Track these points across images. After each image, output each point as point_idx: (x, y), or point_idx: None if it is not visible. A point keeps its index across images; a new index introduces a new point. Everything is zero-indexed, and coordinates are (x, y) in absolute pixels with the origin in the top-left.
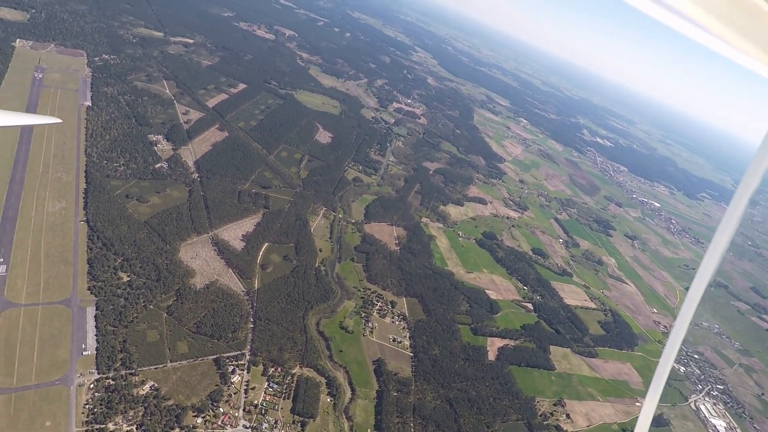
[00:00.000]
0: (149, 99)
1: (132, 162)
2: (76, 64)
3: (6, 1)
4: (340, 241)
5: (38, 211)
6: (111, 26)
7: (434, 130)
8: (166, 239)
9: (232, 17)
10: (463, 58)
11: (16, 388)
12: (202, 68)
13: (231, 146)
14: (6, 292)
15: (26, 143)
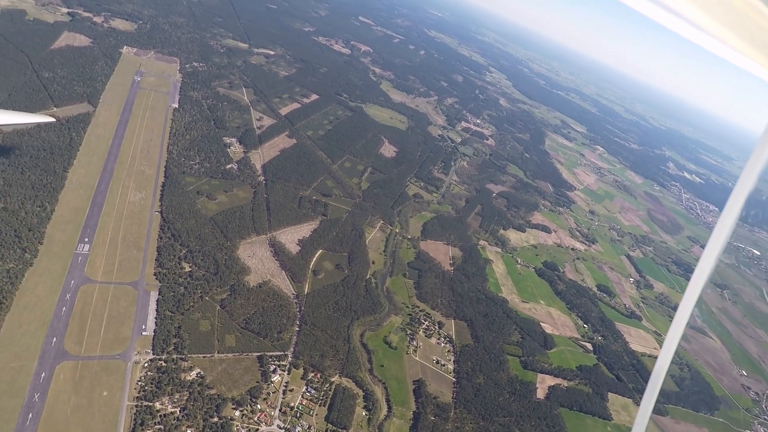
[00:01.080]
0: (228, 104)
1: (206, 161)
2: (169, 70)
3: (120, 14)
4: (394, 256)
5: (122, 200)
6: (203, 37)
7: (501, 152)
8: (228, 236)
9: (312, 32)
10: (540, 80)
11: (83, 357)
12: (279, 78)
13: (297, 153)
14: (86, 268)
15: (120, 137)
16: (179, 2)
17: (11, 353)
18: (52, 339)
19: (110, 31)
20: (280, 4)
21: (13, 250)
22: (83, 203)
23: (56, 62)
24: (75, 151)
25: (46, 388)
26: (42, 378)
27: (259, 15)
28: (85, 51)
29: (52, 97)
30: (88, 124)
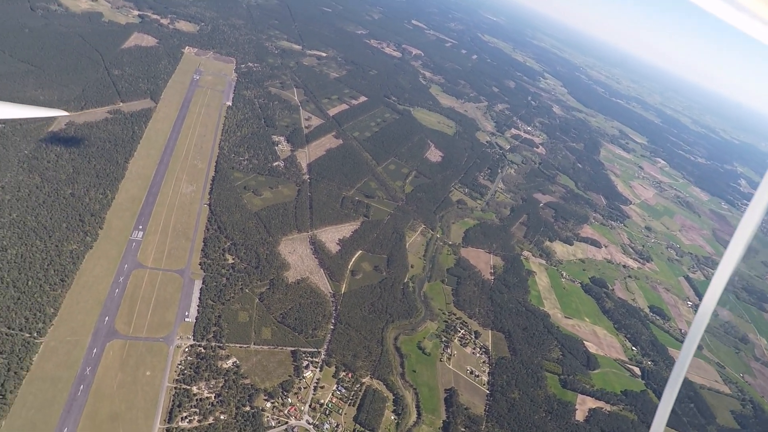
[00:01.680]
0: (279, 103)
1: (255, 158)
2: (226, 69)
3: (185, 16)
4: (434, 261)
5: (174, 191)
6: (259, 39)
7: (552, 161)
8: (271, 231)
9: (364, 34)
10: (598, 88)
11: (131, 337)
12: (329, 79)
13: (343, 154)
14: (139, 254)
15: (177, 132)
16: (239, 5)
17: (69, 328)
18: (105, 318)
19: (175, 32)
20: (334, 7)
21: (76, 233)
22: (140, 193)
23: (125, 61)
24: (136, 143)
25: (96, 363)
26: (94, 353)
27: (313, 18)
28: (151, 50)
29: (119, 93)
30: (149, 119)
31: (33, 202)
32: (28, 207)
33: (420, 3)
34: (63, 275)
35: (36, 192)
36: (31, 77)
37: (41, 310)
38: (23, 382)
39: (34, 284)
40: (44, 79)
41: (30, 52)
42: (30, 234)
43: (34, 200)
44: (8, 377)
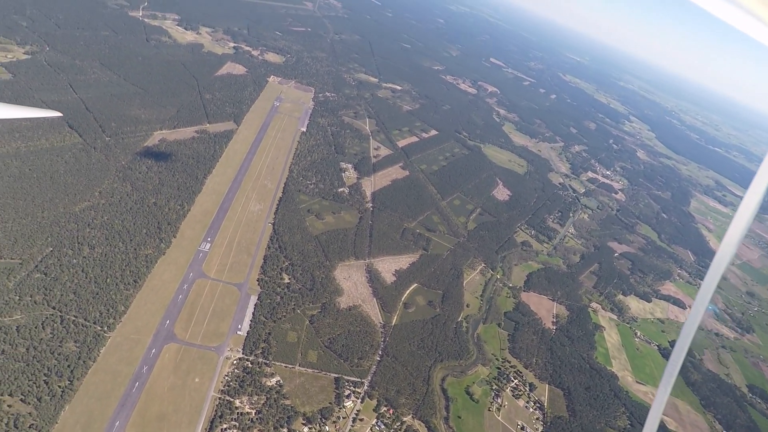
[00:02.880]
0: (351, 132)
1: (321, 183)
2: (304, 98)
3: (273, 48)
4: (491, 302)
5: (243, 208)
6: (339, 71)
7: (632, 208)
8: (328, 256)
9: (440, 70)
10: (692, 134)
11: (186, 342)
12: (402, 112)
13: (408, 185)
14: (204, 265)
15: (252, 154)
16: (323, 40)
17: (134, 326)
18: (166, 321)
19: (263, 63)
20: (414, 44)
21: (153, 239)
22: (213, 207)
23: (216, 86)
24: (215, 161)
25: (153, 363)
26: (152, 353)
27: (392, 53)
28: (240, 78)
29: (207, 115)
30: (229, 140)
31: (122, 207)
32: (117, 212)
33: (500, 42)
34: (136, 277)
35: (126, 199)
36: (137, 98)
37: (114, 306)
38: (89, 371)
39: (111, 282)
40: (147, 100)
41: (139, 77)
42: (115, 236)
43: (123, 206)
44: (77, 365)
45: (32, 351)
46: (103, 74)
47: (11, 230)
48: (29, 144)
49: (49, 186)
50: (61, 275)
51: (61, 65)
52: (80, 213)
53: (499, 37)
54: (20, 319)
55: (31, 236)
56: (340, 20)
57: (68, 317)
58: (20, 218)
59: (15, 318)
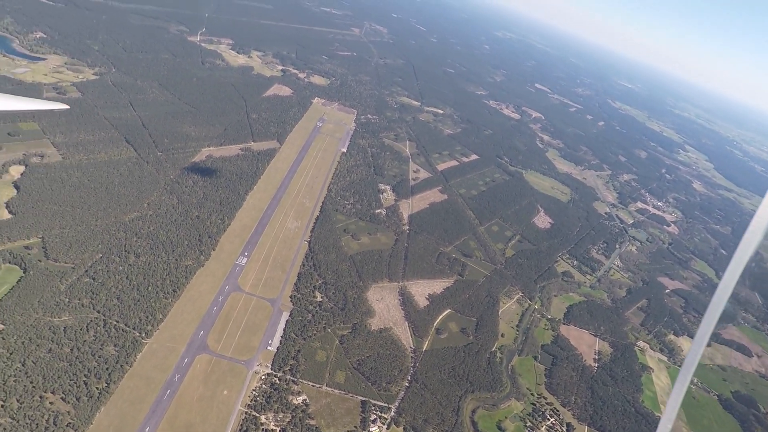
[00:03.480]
0: (390, 154)
1: (359, 203)
2: (346, 119)
3: (319, 71)
4: (528, 334)
5: (281, 225)
6: (382, 94)
7: (686, 243)
8: (362, 276)
9: (484, 95)
10: (757, 166)
11: (218, 354)
12: (443, 135)
13: (446, 209)
14: (240, 278)
15: (293, 172)
16: (368, 64)
17: (170, 334)
18: (200, 332)
19: (308, 85)
20: (458, 68)
21: (194, 250)
22: (252, 222)
23: (263, 107)
24: (257, 178)
25: (185, 372)
26: (185, 363)
27: (435, 77)
28: (286, 99)
29: (252, 134)
30: (272, 158)
31: (167, 219)
32: (163, 223)
33: (546, 68)
34: (176, 286)
35: (171, 211)
36: (189, 116)
37: (153, 314)
38: (125, 375)
39: (152, 290)
40: (198, 119)
41: (193, 97)
42: (159, 246)
43: (168, 218)
44: (115, 368)
45: (75, 352)
46: (160, 94)
47: (67, 236)
48: (90, 156)
49: (104, 196)
50: (107, 281)
51: (124, 85)
52: (129, 222)
53: (545, 62)
54: (68, 320)
55: (84, 242)
56: (385, 45)
57: (110, 321)
58: (76, 225)
59: (63, 319)
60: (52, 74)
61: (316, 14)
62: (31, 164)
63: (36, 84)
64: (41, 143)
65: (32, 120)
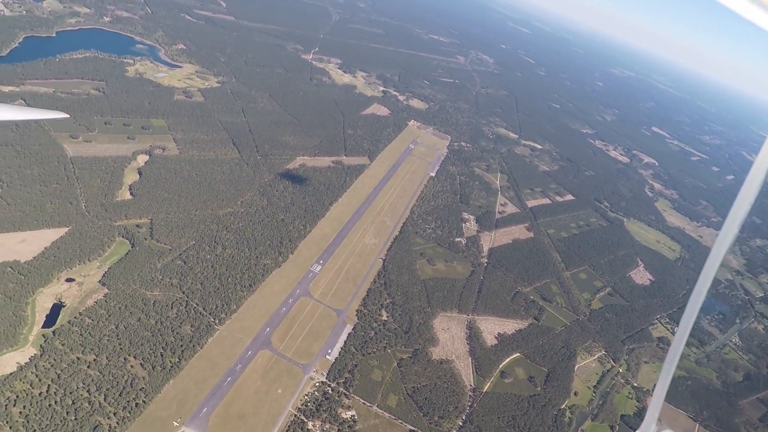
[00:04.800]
0: (479, 184)
1: (439, 229)
2: (439, 145)
3: (419, 96)
4: (606, 398)
5: (358, 240)
6: (479, 123)
7: None
8: (431, 302)
9: (589, 134)
10: None
11: (279, 353)
12: (537, 171)
13: (530, 247)
14: (311, 285)
15: (378, 190)
16: (469, 92)
17: (239, 326)
18: (267, 328)
19: (406, 107)
20: (564, 104)
21: (274, 251)
22: (331, 233)
23: (359, 124)
24: (343, 191)
25: (246, 364)
26: (248, 355)
27: (538, 111)
28: (382, 119)
29: (345, 148)
30: (360, 174)
31: (255, 218)
32: (250, 221)
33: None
34: (252, 282)
35: (260, 211)
36: (290, 126)
37: (228, 303)
38: (195, 355)
39: (231, 281)
40: (298, 129)
41: (297, 109)
42: (244, 242)
43: (257, 217)
44: (188, 347)
45: (159, 325)
46: (269, 104)
47: (170, 221)
48: (201, 153)
49: (206, 190)
50: (195, 266)
51: (240, 94)
52: (223, 216)
53: (667, 104)
54: (158, 295)
55: (183, 228)
56: (489, 75)
57: (192, 303)
58: (179, 212)
59: (154, 293)
60: (185, 80)
61: (424, 41)
62: (154, 155)
63: (170, 87)
64: (165, 138)
65: (162, 117)
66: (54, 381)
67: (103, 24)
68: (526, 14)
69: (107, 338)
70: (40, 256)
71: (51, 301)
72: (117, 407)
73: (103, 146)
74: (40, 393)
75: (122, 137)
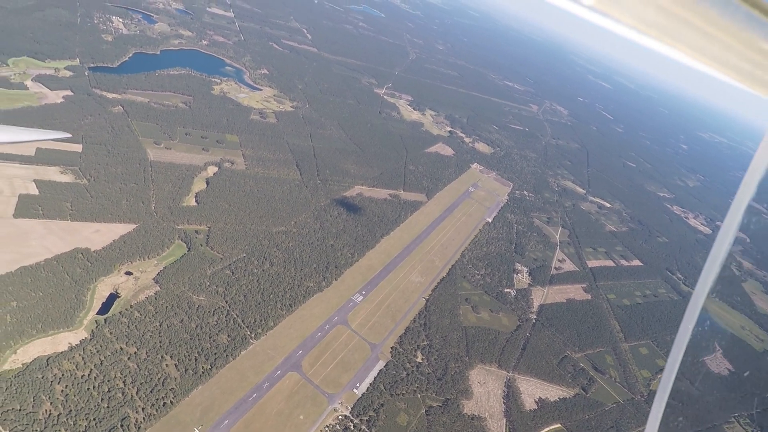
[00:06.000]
0: (537, 236)
1: (488, 276)
2: (500, 191)
3: (486, 140)
4: None
5: (404, 276)
6: (545, 173)
7: None
8: (470, 352)
9: (667, 198)
10: None
11: (307, 378)
12: (603, 231)
13: (586, 310)
14: (350, 314)
15: (431, 229)
16: (538, 141)
17: (273, 344)
18: (299, 351)
19: (471, 150)
20: (640, 164)
21: (318, 275)
22: (378, 265)
23: (421, 161)
24: (396, 225)
25: (273, 383)
26: (276, 374)
27: (610, 168)
28: (445, 159)
29: (404, 183)
30: (416, 210)
31: (306, 240)
32: (300, 242)
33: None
34: (293, 302)
35: (311, 234)
36: (353, 155)
37: (266, 320)
38: (226, 366)
39: (273, 298)
40: (361, 159)
41: (362, 139)
42: (291, 261)
43: (307, 239)
44: (221, 356)
45: (198, 329)
46: (336, 131)
47: (226, 231)
48: (265, 171)
49: (264, 206)
50: (241, 278)
51: (311, 119)
52: (275, 234)
53: None
54: (203, 300)
55: (236, 240)
56: (561, 126)
57: (232, 314)
58: (236, 224)
59: (200, 298)
60: (262, 102)
61: (498, 87)
62: (223, 167)
63: (248, 107)
64: (236, 153)
65: (236, 134)
66: (96, 366)
67: (201, 46)
68: (608, 69)
69: (150, 334)
70: (108, 248)
71: (108, 291)
72: (146, 403)
73: (180, 154)
74: (82, 375)
75: (198, 148)
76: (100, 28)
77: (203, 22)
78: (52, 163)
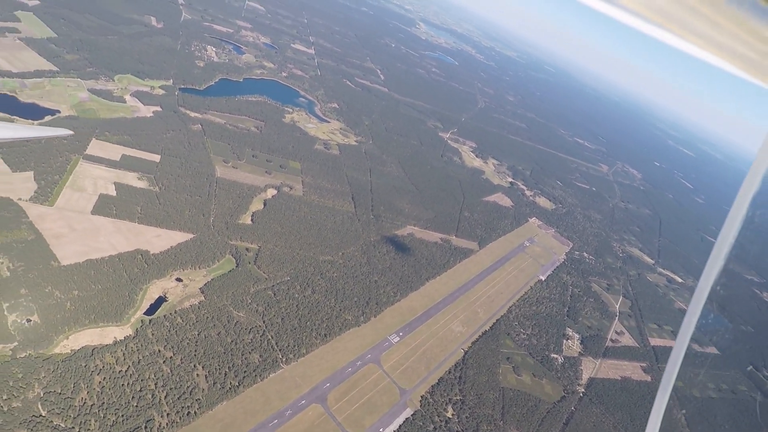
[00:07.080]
0: (593, 302)
1: (535, 337)
2: (558, 249)
3: (548, 195)
4: None
5: (445, 324)
6: (609, 237)
7: None
8: (505, 416)
9: (755, 282)
10: None
11: (330, 412)
12: (671, 307)
13: (644, 393)
14: (383, 354)
15: (480, 278)
16: (605, 203)
17: (303, 371)
18: (327, 384)
19: (531, 203)
20: None
21: (357, 309)
22: (419, 308)
23: (478, 209)
24: (443, 270)
25: (296, 412)
26: (301, 403)
27: (685, 240)
28: (503, 209)
29: (457, 229)
30: (466, 258)
31: (350, 272)
32: (344, 274)
33: None
34: (328, 332)
35: (357, 268)
36: (409, 195)
37: (299, 346)
38: (253, 386)
39: (309, 325)
40: (417, 199)
41: (420, 180)
42: (332, 292)
43: (352, 272)
44: (250, 375)
45: (233, 345)
46: (395, 169)
47: (275, 253)
48: (321, 200)
49: (315, 234)
50: (282, 300)
51: (372, 155)
52: (321, 262)
53: None
54: (242, 317)
55: (282, 263)
56: (633, 190)
57: (267, 335)
58: (284, 247)
59: (239, 314)
60: (328, 133)
61: (567, 143)
62: (281, 191)
63: (314, 137)
64: (296, 179)
65: (299, 161)
66: (134, 364)
67: (280, 77)
68: (692, 136)
69: (187, 341)
70: (165, 253)
71: (158, 293)
72: (172, 409)
73: (244, 174)
74: (120, 371)
75: (261, 170)
76: (196, 54)
77: (285, 56)
78: (133, 169)
